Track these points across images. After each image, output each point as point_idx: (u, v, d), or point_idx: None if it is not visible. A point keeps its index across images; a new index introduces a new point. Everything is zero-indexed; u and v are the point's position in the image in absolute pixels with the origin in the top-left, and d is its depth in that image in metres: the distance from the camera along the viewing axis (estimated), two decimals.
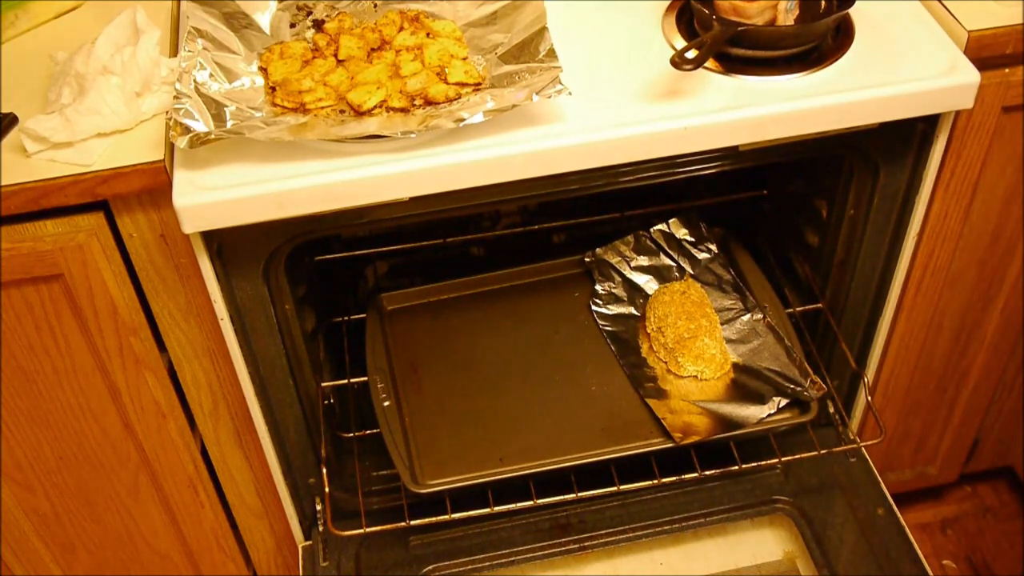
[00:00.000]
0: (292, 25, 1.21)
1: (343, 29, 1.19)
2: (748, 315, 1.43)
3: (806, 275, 1.47)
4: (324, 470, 1.31)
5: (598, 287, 1.50)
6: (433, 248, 1.57)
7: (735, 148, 1.13)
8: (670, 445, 1.29)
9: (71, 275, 1.12)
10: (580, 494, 1.32)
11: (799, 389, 1.32)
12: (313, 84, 1.11)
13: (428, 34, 1.18)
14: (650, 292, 1.48)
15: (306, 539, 1.45)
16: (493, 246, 1.62)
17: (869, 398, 1.42)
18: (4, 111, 1.11)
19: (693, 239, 1.53)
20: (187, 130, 1.01)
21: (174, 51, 1.19)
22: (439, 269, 1.56)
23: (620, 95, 1.11)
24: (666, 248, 1.53)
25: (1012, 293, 1.45)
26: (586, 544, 1.40)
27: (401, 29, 1.18)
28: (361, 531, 1.30)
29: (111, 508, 1.40)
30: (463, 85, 1.11)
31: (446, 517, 1.30)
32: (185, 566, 1.52)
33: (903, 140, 1.20)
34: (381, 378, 1.40)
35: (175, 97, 1.03)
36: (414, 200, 1.08)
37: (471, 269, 1.54)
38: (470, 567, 1.39)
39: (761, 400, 1.32)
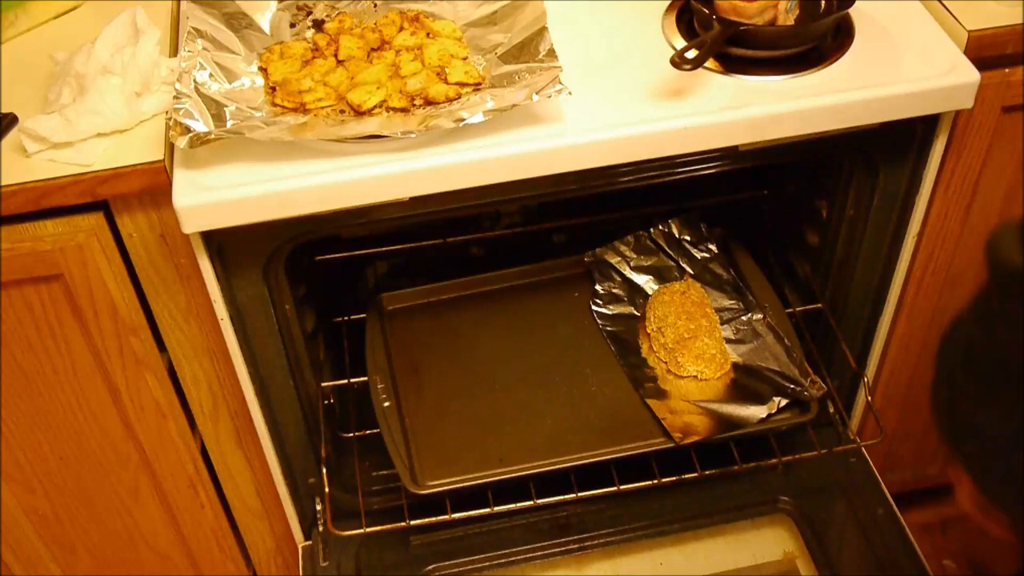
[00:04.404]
0: (292, 25, 1.21)
1: (343, 29, 1.19)
2: (748, 315, 1.43)
3: (806, 275, 1.47)
4: (324, 470, 1.31)
5: (598, 287, 1.50)
6: (433, 248, 1.57)
7: (735, 148, 1.13)
8: (670, 445, 1.29)
9: (71, 275, 1.12)
10: (580, 494, 1.32)
11: (799, 389, 1.32)
12: (313, 84, 1.11)
13: (428, 34, 1.18)
14: (650, 292, 1.48)
15: (306, 539, 1.45)
16: (493, 246, 1.62)
17: (869, 398, 1.42)
18: (4, 111, 1.10)
19: (693, 239, 1.53)
20: (187, 130, 1.01)
21: (174, 51, 1.19)
22: (439, 269, 1.56)
23: (620, 95, 1.11)
24: (666, 248, 1.53)
25: None
26: (586, 544, 1.40)
27: (401, 29, 1.18)
28: (361, 531, 1.30)
29: (111, 508, 1.40)
30: (463, 85, 1.11)
31: (446, 517, 1.30)
32: (185, 566, 1.52)
33: (903, 140, 1.20)
34: (381, 378, 1.40)
35: (175, 97, 1.03)
36: (414, 200, 1.08)
37: (471, 269, 1.54)
38: (470, 567, 1.39)
39: (761, 400, 1.32)
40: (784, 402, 1.31)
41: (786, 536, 1.43)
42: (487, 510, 1.30)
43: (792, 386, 1.33)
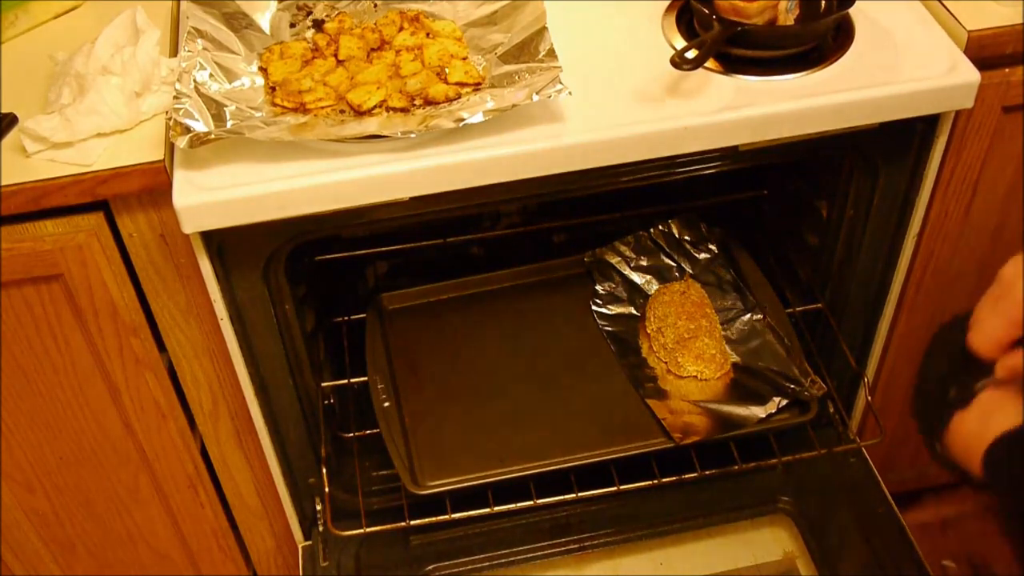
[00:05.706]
0: (292, 25, 1.21)
1: (343, 29, 1.19)
2: (748, 315, 1.43)
3: (806, 275, 1.47)
4: (324, 470, 1.31)
5: (598, 287, 1.50)
6: (433, 248, 1.57)
7: (735, 148, 1.13)
8: (670, 445, 1.29)
9: (71, 275, 1.12)
10: (580, 494, 1.31)
11: (799, 389, 1.32)
12: (313, 84, 1.11)
13: (428, 34, 1.18)
14: (650, 292, 1.48)
15: (306, 539, 1.45)
16: (493, 246, 1.62)
17: (869, 398, 1.42)
18: (4, 111, 1.11)
19: (693, 239, 1.53)
20: (187, 130, 1.01)
21: (174, 51, 1.20)
22: (439, 269, 1.56)
23: (620, 95, 1.11)
24: (666, 248, 1.53)
25: None
26: (586, 544, 1.40)
27: (401, 29, 1.18)
28: (361, 531, 1.30)
29: (111, 508, 1.40)
30: (463, 85, 1.11)
31: (446, 517, 1.29)
32: (185, 566, 1.52)
33: (903, 140, 1.20)
34: (381, 378, 1.40)
35: (175, 97, 1.03)
36: (414, 200, 1.08)
37: (471, 269, 1.54)
38: (470, 567, 1.39)
39: (761, 400, 1.32)
40: (784, 402, 1.31)
41: (786, 536, 1.43)
42: (487, 510, 1.30)
43: (792, 386, 1.33)
